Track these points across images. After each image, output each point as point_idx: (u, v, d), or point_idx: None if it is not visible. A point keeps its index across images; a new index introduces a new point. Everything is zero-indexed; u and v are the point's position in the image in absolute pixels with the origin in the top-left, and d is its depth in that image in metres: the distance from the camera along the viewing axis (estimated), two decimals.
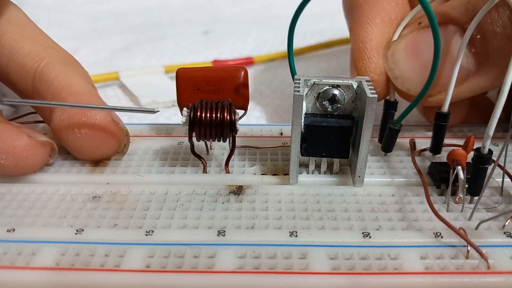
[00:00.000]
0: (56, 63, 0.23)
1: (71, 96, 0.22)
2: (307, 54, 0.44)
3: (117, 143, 0.23)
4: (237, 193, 0.21)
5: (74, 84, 0.23)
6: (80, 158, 0.23)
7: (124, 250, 0.18)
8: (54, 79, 0.23)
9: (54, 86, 0.22)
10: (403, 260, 0.17)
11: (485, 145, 0.18)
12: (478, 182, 0.19)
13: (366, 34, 0.24)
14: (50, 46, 0.25)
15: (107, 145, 0.23)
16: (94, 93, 0.23)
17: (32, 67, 0.23)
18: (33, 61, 0.23)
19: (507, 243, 0.18)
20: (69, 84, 0.23)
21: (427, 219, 0.19)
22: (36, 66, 0.23)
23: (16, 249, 0.18)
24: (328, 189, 0.21)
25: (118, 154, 0.23)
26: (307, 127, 0.20)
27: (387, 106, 0.24)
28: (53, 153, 0.23)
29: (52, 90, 0.22)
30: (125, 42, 0.49)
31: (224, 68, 0.23)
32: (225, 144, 0.22)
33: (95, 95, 0.23)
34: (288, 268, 0.17)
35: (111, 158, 0.23)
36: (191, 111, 0.21)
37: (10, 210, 0.20)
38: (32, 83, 0.23)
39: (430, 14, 0.18)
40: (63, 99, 0.22)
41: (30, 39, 0.24)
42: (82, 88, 0.23)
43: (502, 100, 0.17)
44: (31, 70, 0.23)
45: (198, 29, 0.54)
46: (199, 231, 0.18)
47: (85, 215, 0.19)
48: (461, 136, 0.26)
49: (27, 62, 0.23)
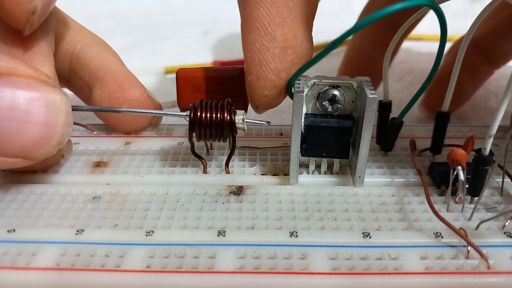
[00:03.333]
0: (90, 45, 0.25)
1: (108, 75, 0.24)
2: None
3: (153, 117, 0.25)
4: (237, 193, 0.21)
5: (110, 64, 0.25)
6: (118, 131, 0.25)
7: (124, 251, 0.18)
8: (90, 60, 0.25)
9: (92, 67, 0.24)
10: (403, 260, 0.17)
11: (486, 146, 0.18)
12: (479, 183, 0.19)
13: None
14: (81, 29, 0.26)
15: (144, 118, 0.24)
16: (127, 70, 0.25)
17: (68, 51, 0.25)
18: (69, 45, 0.25)
19: (507, 243, 0.18)
20: (105, 65, 0.24)
21: (427, 219, 0.19)
22: (73, 49, 0.25)
23: (16, 250, 0.18)
24: (328, 190, 0.21)
25: (152, 126, 0.25)
26: (307, 128, 0.20)
27: (382, 107, 0.24)
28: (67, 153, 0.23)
29: (90, 71, 0.24)
30: (125, 42, 0.49)
31: (224, 69, 0.23)
32: (225, 145, 0.22)
33: (129, 72, 0.25)
34: (288, 268, 0.17)
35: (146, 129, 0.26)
36: (191, 111, 0.21)
37: (10, 211, 0.20)
38: (70, 65, 0.25)
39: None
40: (101, 79, 0.24)
41: (63, 23, 0.25)
42: (117, 68, 0.25)
43: (506, 101, 0.17)
44: (67, 53, 0.25)
45: (198, 29, 0.54)
46: (199, 231, 0.18)
47: (86, 216, 0.19)
48: (461, 136, 0.26)
49: (63, 46, 0.25)
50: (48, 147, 0.19)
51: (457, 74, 0.21)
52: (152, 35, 0.53)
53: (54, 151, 0.19)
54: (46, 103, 0.18)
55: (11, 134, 0.18)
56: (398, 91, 0.38)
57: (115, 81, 0.24)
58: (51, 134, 0.18)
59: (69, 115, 0.19)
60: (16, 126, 0.17)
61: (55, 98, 0.18)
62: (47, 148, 0.19)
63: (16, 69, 0.18)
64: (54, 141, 0.19)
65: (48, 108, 0.18)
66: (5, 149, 0.18)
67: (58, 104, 0.18)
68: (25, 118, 0.18)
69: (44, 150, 0.19)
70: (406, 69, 0.42)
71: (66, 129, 0.19)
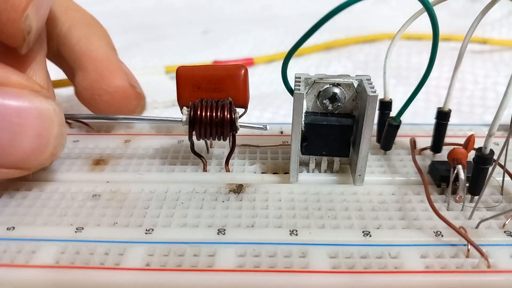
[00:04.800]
0: (77, 26, 0.24)
1: (90, 62, 0.23)
2: (307, 55, 0.44)
3: (135, 107, 0.24)
4: (237, 191, 0.21)
5: (93, 49, 0.24)
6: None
7: (124, 249, 0.17)
8: (75, 43, 0.24)
9: (76, 51, 0.24)
10: (403, 259, 0.17)
11: (487, 145, 0.18)
12: (479, 182, 0.19)
13: None
14: (69, 7, 0.25)
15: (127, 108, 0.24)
16: (111, 57, 0.24)
17: (54, 32, 0.24)
18: (55, 26, 0.24)
19: (507, 242, 0.18)
20: (89, 50, 0.24)
21: (427, 218, 0.19)
22: (59, 31, 0.24)
23: (16, 247, 0.17)
24: (329, 188, 0.21)
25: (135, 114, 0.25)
26: (308, 126, 0.20)
27: (382, 106, 0.24)
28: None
29: (74, 55, 0.24)
30: (125, 42, 0.49)
31: (225, 67, 0.23)
32: (225, 143, 0.22)
33: (112, 59, 0.24)
34: (288, 266, 0.17)
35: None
36: (191, 109, 0.20)
37: (10, 209, 0.20)
38: (57, 47, 0.24)
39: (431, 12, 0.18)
40: (83, 66, 0.23)
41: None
42: (100, 53, 0.24)
43: (506, 101, 0.17)
44: (53, 34, 0.24)
45: (198, 29, 0.54)
46: (199, 229, 0.18)
47: (85, 214, 0.19)
48: (462, 135, 0.26)
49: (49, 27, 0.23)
50: (42, 159, 0.18)
51: (457, 74, 0.21)
52: (153, 35, 0.53)
53: (47, 162, 0.19)
54: (38, 114, 0.18)
55: (3, 146, 0.17)
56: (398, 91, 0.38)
57: (96, 69, 0.23)
58: (44, 146, 0.18)
59: (62, 126, 0.19)
60: (8, 137, 0.17)
61: (48, 109, 0.18)
62: (40, 160, 0.18)
63: (7, 78, 0.17)
64: (47, 153, 0.18)
65: (41, 119, 0.18)
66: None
67: (51, 115, 0.18)
68: (17, 129, 0.17)
69: (37, 161, 0.18)
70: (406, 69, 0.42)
71: (59, 140, 0.19)
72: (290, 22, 0.55)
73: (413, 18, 0.22)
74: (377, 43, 0.46)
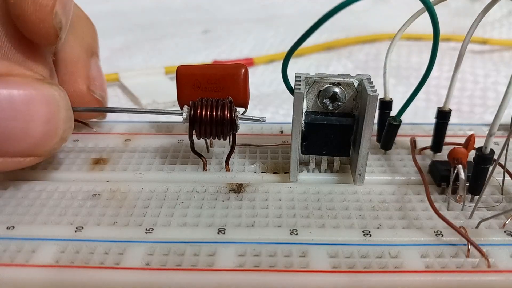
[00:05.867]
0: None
1: (59, 63, 0.23)
2: (307, 55, 0.44)
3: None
4: (237, 191, 0.21)
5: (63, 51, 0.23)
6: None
7: (123, 248, 0.17)
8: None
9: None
10: (403, 258, 0.17)
11: (487, 145, 0.18)
12: (479, 181, 0.19)
13: None
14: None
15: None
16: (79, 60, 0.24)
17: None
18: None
19: (507, 241, 0.18)
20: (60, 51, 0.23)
21: (427, 217, 0.19)
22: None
23: (15, 247, 0.17)
24: (329, 187, 0.21)
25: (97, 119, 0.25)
26: (308, 125, 0.20)
27: (382, 105, 0.24)
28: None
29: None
30: (125, 42, 0.49)
31: (225, 66, 0.23)
32: (225, 142, 0.22)
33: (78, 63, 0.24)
34: (288, 266, 0.17)
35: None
36: (191, 109, 0.20)
37: (9, 208, 0.20)
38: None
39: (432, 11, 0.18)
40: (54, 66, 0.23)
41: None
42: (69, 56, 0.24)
43: (507, 100, 0.17)
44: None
45: (198, 29, 0.54)
46: (199, 229, 0.18)
47: (85, 213, 0.19)
48: (462, 135, 0.26)
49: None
50: (53, 143, 0.19)
51: (457, 73, 0.21)
52: (152, 35, 0.53)
53: (59, 147, 0.19)
54: (45, 100, 0.18)
55: (15, 134, 0.18)
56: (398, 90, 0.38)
57: (60, 71, 0.23)
58: (54, 130, 0.19)
59: (69, 110, 0.19)
60: (20, 126, 0.18)
61: (53, 94, 0.18)
62: (51, 145, 0.19)
63: (11, 68, 0.18)
64: (58, 137, 0.19)
65: (48, 105, 0.18)
66: (13, 149, 0.18)
67: (56, 100, 0.18)
68: (27, 117, 0.18)
69: (49, 146, 0.19)
70: (406, 68, 0.42)
71: (67, 123, 0.19)
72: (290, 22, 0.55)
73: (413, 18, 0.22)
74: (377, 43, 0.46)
